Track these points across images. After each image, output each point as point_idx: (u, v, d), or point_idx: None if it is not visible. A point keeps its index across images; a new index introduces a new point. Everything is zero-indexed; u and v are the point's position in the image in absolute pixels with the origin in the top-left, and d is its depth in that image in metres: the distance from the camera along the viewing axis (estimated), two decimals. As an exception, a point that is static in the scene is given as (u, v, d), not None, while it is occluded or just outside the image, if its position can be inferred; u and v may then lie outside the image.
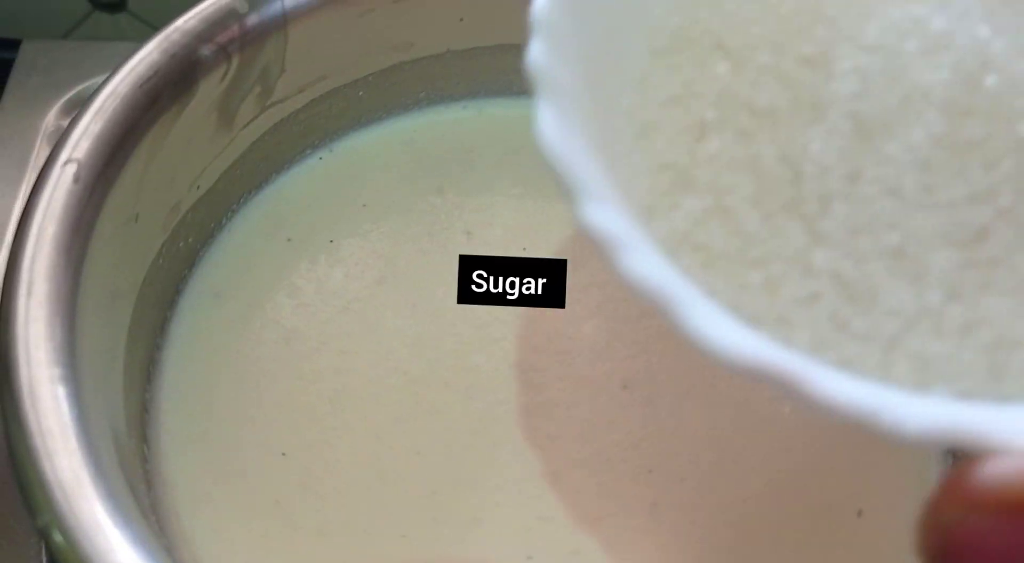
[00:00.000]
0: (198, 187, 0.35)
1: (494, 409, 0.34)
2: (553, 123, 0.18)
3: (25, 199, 0.41)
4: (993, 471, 0.14)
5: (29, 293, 0.27)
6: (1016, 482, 0.14)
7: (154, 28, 0.53)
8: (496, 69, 0.40)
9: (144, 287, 0.33)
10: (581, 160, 0.18)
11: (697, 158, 0.20)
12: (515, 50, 0.39)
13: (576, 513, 0.32)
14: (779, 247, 0.19)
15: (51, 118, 0.46)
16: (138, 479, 0.30)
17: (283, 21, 0.34)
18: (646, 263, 0.17)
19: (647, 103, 0.21)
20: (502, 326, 0.35)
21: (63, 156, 0.29)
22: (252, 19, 0.33)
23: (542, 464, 0.32)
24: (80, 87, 0.46)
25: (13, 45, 0.48)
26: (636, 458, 0.32)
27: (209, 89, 0.33)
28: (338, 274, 0.36)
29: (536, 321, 0.35)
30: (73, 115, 0.31)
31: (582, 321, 0.35)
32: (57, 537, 0.25)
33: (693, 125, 0.21)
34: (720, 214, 0.20)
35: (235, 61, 0.33)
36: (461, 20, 0.38)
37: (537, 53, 0.19)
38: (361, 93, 0.38)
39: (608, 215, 0.18)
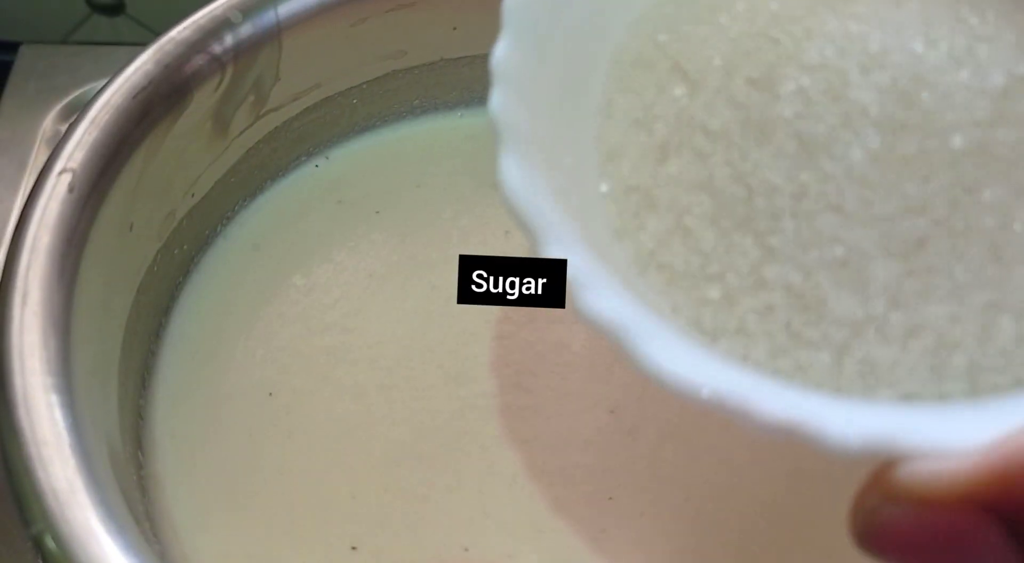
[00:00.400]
0: (192, 195, 0.35)
1: (476, 400, 0.34)
2: (515, 173, 0.19)
3: (23, 203, 0.42)
4: (910, 469, 0.16)
5: (24, 302, 0.27)
6: (927, 481, 0.16)
7: (152, 31, 0.54)
8: (489, 77, 0.40)
9: (139, 295, 0.33)
10: (541, 204, 0.19)
11: (659, 180, 0.21)
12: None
13: (522, 519, 0.32)
14: (735, 262, 0.20)
15: (49, 122, 0.46)
16: (132, 485, 0.31)
17: (277, 30, 0.34)
18: (600, 300, 0.18)
19: (612, 128, 0.22)
20: (509, 325, 0.36)
21: (58, 166, 0.30)
22: (246, 29, 0.34)
23: (505, 464, 0.33)
24: (78, 92, 0.47)
25: (11, 48, 0.49)
26: (601, 483, 0.32)
27: (203, 98, 0.33)
28: (335, 280, 0.37)
29: (543, 328, 0.35)
30: (70, 121, 0.31)
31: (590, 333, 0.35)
32: (51, 545, 0.25)
33: (655, 147, 0.21)
34: (681, 233, 0.20)
35: (229, 70, 0.33)
36: (454, 29, 0.38)
37: (498, 103, 0.20)
38: (355, 101, 0.39)
39: (566, 255, 0.19)
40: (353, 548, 0.31)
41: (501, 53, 0.21)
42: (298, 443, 0.33)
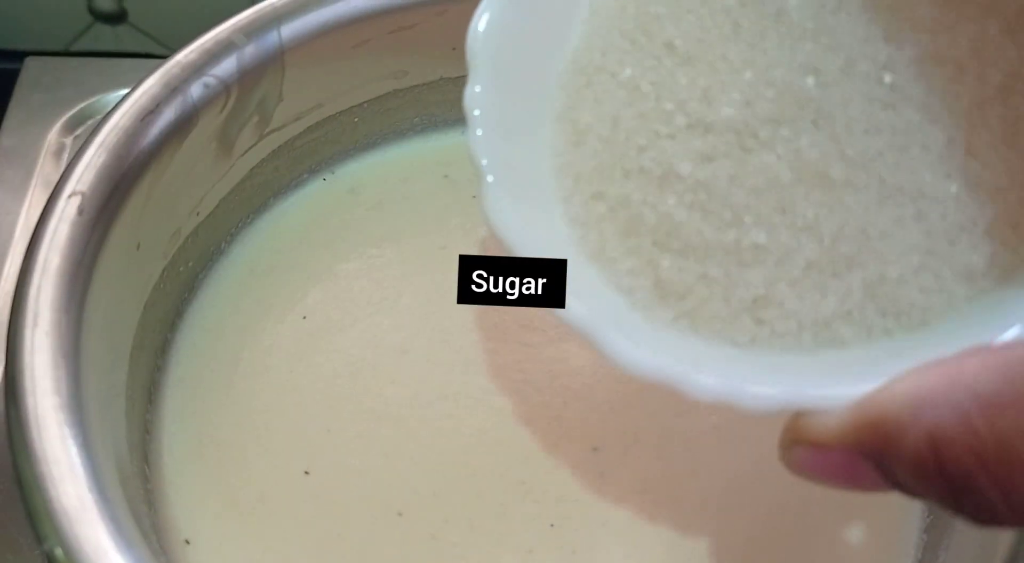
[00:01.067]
0: (198, 213, 0.36)
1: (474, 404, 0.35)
2: (496, 206, 0.24)
3: (28, 214, 0.43)
4: (807, 420, 0.22)
5: (35, 324, 0.28)
6: (817, 429, 0.21)
7: (154, 39, 0.54)
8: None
9: (146, 311, 0.34)
10: (523, 227, 0.24)
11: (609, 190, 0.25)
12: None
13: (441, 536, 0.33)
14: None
15: (54, 134, 0.46)
16: (139, 499, 0.31)
17: (280, 52, 0.35)
18: (575, 306, 0.24)
19: (567, 136, 0.26)
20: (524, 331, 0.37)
21: (68, 189, 0.30)
22: (250, 51, 0.34)
23: (460, 469, 0.34)
24: (83, 104, 0.47)
25: (16, 57, 0.49)
26: (544, 512, 0.33)
27: (209, 120, 0.34)
28: (341, 295, 0.37)
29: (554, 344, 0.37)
30: (79, 144, 0.32)
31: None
32: (63, 561, 0.26)
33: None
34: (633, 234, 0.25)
35: (234, 92, 0.34)
36: (453, 49, 0.39)
37: (476, 143, 0.25)
38: (356, 120, 0.39)
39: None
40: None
41: (470, 96, 0.26)
42: (305, 455, 0.34)
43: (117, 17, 0.55)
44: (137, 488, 0.31)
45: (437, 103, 0.40)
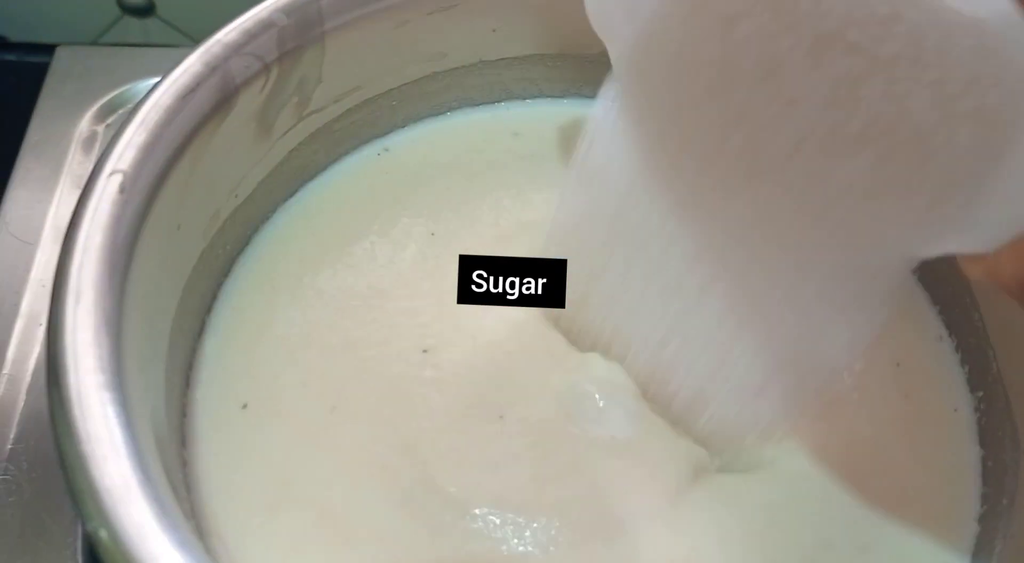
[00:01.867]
0: (236, 195, 0.35)
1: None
2: None
3: (59, 203, 0.43)
4: None
5: (77, 301, 0.28)
6: None
7: (182, 33, 0.54)
8: (526, 78, 0.40)
9: (185, 293, 0.33)
10: None
11: None
12: (545, 59, 0.40)
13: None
14: None
15: (84, 124, 0.46)
16: (179, 483, 0.31)
17: (321, 33, 0.35)
18: None
19: None
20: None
21: (108, 167, 0.30)
22: (291, 31, 0.34)
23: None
24: (113, 94, 0.47)
25: (47, 50, 0.49)
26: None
27: (249, 100, 0.33)
28: (376, 272, 0.37)
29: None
30: (120, 122, 0.31)
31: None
32: (106, 540, 0.25)
33: None
34: None
35: (274, 72, 0.34)
36: (493, 31, 0.38)
37: None
38: (395, 102, 0.39)
39: None
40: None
41: None
42: (341, 439, 0.33)
43: (145, 10, 0.54)
44: (176, 471, 0.31)
45: (476, 86, 0.40)
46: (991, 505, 0.33)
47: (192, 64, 0.32)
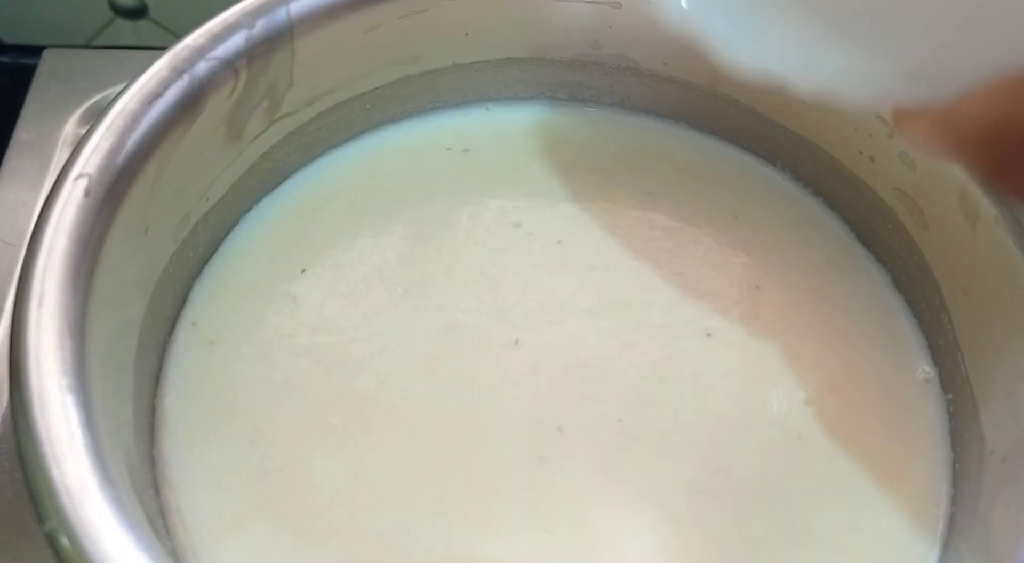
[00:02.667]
0: (207, 199, 0.35)
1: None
2: None
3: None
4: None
5: (40, 304, 0.28)
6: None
7: (175, 35, 0.54)
8: (500, 81, 0.40)
9: (154, 296, 0.33)
10: None
11: None
12: (519, 63, 0.40)
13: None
14: None
15: (71, 126, 0.47)
16: (146, 484, 0.31)
17: (290, 37, 0.35)
18: None
19: None
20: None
21: (74, 171, 0.30)
22: (260, 35, 0.34)
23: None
24: (100, 96, 0.47)
25: (35, 51, 0.50)
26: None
27: (218, 104, 0.34)
28: (347, 279, 0.37)
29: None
30: (87, 126, 0.31)
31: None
32: (64, 542, 0.25)
33: None
34: None
35: (243, 76, 0.34)
36: (466, 34, 0.38)
37: None
38: (368, 106, 0.39)
39: None
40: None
41: None
42: (313, 441, 0.34)
43: (138, 12, 0.55)
44: (145, 473, 0.31)
45: (450, 90, 0.40)
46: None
47: (160, 69, 0.32)
